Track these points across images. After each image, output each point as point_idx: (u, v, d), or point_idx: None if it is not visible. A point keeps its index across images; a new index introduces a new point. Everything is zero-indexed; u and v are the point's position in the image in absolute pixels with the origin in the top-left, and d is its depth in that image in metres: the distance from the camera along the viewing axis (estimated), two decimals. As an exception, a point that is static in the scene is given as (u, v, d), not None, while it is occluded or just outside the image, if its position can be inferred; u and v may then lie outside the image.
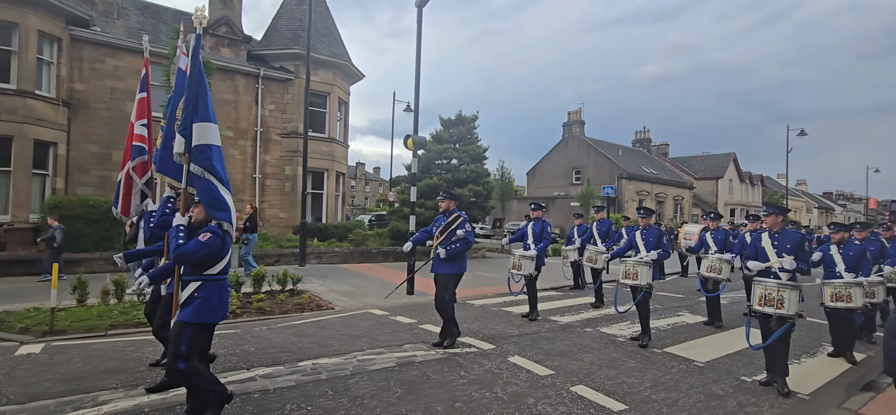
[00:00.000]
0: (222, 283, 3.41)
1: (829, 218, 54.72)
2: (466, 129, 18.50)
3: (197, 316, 3.24)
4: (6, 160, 12.62)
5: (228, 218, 3.42)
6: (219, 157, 3.56)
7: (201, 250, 3.22)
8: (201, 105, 3.59)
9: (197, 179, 3.48)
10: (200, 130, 3.53)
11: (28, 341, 5.32)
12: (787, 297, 4.38)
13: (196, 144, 3.51)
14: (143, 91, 5.20)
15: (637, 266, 6.08)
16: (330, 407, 3.72)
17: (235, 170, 17.00)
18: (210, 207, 3.43)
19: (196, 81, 3.62)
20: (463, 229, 5.66)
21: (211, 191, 3.44)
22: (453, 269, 5.68)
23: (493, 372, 4.71)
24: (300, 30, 18.16)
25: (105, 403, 3.67)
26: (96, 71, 14.56)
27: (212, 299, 3.31)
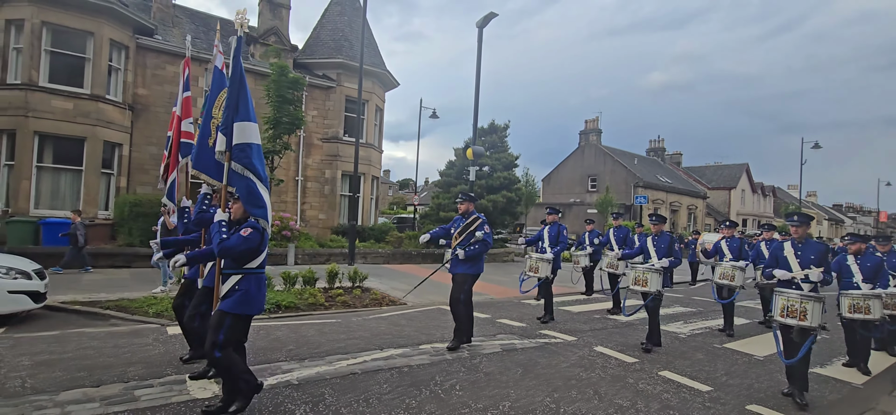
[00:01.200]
0: (261, 276, 3.57)
1: (839, 230, 55.15)
2: (498, 137, 19.30)
3: (237, 307, 3.40)
4: (78, 160, 13.50)
5: (265, 215, 3.52)
6: (259, 155, 3.64)
7: (243, 245, 3.36)
8: (242, 105, 3.66)
9: (237, 177, 3.57)
10: (241, 128, 3.60)
11: (171, 325, 6.11)
12: (811, 309, 4.39)
13: (237, 142, 3.59)
14: (187, 90, 5.34)
15: (647, 273, 6.12)
16: (473, 379, 4.49)
17: (279, 171, 17.82)
18: (248, 203, 3.54)
19: (237, 82, 3.69)
20: (482, 231, 5.75)
21: (250, 188, 3.54)
22: (471, 270, 5.78)
23: (588, 358, 5.47)
24: (343, 40, 19.03)
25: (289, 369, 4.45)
26: (157, 77, 15.45)
27: (251, 292, 3.45)
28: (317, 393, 3.95)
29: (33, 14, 12.74)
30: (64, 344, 5.05)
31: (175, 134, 5.15)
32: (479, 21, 10.35)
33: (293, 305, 7.66)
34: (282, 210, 17.84)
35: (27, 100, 12.69)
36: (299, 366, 4.60)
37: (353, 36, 19.56)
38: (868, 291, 5.54)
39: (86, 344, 5.09)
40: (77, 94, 13.32)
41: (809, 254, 4.75)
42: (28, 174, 12.75)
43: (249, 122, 3.65)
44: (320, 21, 20.19)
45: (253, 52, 17.64)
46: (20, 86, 12.73)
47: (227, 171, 3.64)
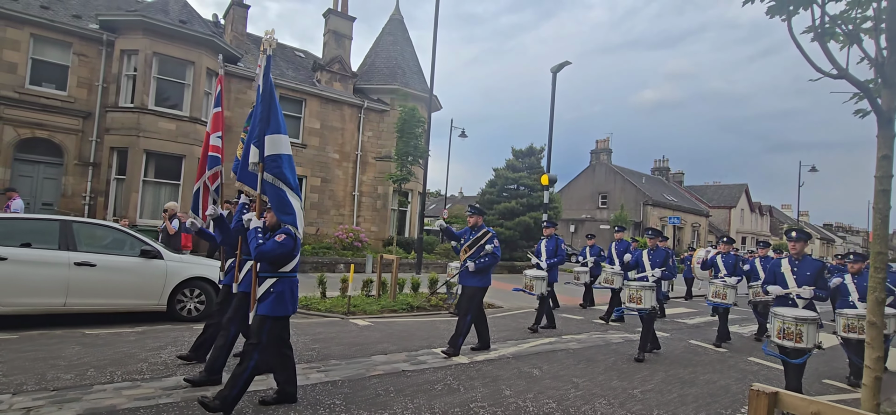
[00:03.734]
0: (293, 279, 3.77)
1: (831, 249, 57.68)
2: (536, 159, 21.12)
3: (273, 309, 3.62)
4: (177, 175, 15.05)
5: (294, 222, 3.68)
6: (289, 165, 3.78)
7: (278, 249, 3.55)
8: (273, 118, 3.81)
9: (269, 187, 3.72)
10: (272, 141, 3.74)
11: (358, 318, 7.73)
12: (805, 331, 4.56)
13: (268, 154, 3.73)
14: (218, 106, 5.43)
15: (641, 291, 6.25)
16: (591, 354, 6.20)
17: (339, 187, 19.48)
18: (278, 211, 3.69)
19: (268, 97, 3.85)
20: (491, 244, 5.91)
21: (280, 197, 3.68)
22: (480, 282, 5.96)
23: (687, 344, 7.21)
24: (396, 68, 20.81)
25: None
26: (239, 100, 17.08)
27: (285, 294, 3.65)
28: (510, 365, 5.61)
29: (147, 45, 14.34)
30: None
31: (203, 147, 5.31)
32: (554, 67, 12.16)
33: (421, 308, 9.28)
34: (339, 222, 19.47)
35: (139, 121, 14.25)
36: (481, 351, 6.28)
37: (404, 63, 21.33)
38: (863, 310, 5.59)
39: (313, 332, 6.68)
40: (178, 117, 14.90)
41: (805, 271, 4.95)
42: (136, 188, 14.27)
43: (280, 134, 3.79)
44: (374, 48, 21.94)
45: (320, 77, 19.33)
46: (133, 109, 14.30)
47: (260, 181, 3.82)
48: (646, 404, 4.55)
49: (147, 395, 3.90)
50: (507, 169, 20.88)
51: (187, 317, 6.87)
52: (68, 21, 14.28)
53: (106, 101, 14.50)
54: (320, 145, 18.89)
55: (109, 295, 6.34)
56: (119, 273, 6.40)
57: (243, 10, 19.06)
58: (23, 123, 13.46)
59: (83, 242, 6.34)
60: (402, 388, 4.47)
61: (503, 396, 4.44)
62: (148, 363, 4.76)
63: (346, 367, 5.04)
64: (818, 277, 4.90)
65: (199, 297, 7.00)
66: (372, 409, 3.95)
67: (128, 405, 3.66)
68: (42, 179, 14.07)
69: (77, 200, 14.26)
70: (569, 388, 4.86)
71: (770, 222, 50.94)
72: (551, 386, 4.86)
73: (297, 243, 3.71)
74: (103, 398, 3.78)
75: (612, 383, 5.14)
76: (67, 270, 6.04)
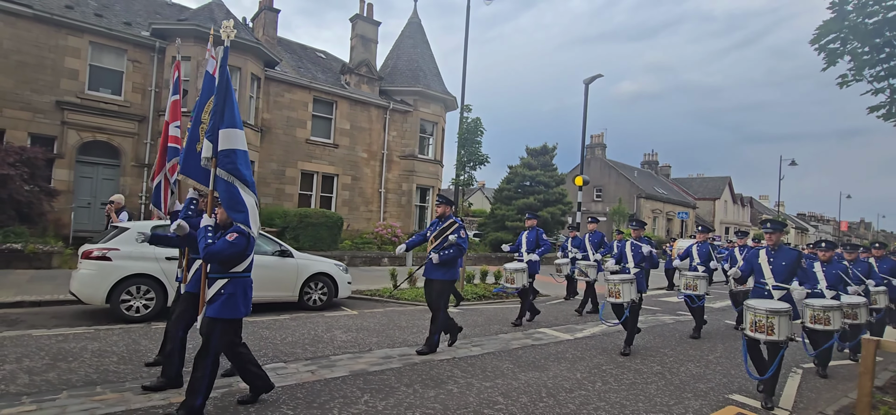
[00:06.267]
0: (246, 280, 3.65)
1: (804, 238, 60.96)
2: (549, 157, 22.48)
3: (224, 311, 3.48)
4: (226, 175, 15.90)
5: (246, 220, 3.52)
6: (244, 161, 3.64)
7: (229, 249, 3.41)
8: (228, 112, 3.66)
9: (221, 183, 3.58)
10: (227, 135, 3.60)
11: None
12: (777, 323, 4.46)
13: (222, 148, 3.59)
14: (176, 93, 5.15)
15: (620, 284, 6.18)
16: (573, 349, 7.56)
17: (367, 185, 20.51)
18: (230, 208, 3.54)
19: (224, 90, 3.69)
20: (456, 235, 5.64)
21: (232, 194, 3.54)
22: (446, 275, 5.68)
23: (668, 335, 8.61)
24: (418, 70, 21.84)
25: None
26: (277, 103, 17.93)
27: (237, 296, 3.53)
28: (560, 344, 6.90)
29: (198, 52, 15.10)
30: (376, 319, 7.84)
31: (162, 138, 5.03)
32: (586, 79, 13.43)
33: (485, 296, 10.51)
34: (368, 218, 20.55)
35: (192, 125, 15.04)
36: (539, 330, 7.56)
37: (425, 65, 22.38)
38: (828, 302, 5.66)
39: (398, 319, 7.87)
40: (227, 120, 15.72)
41: (781, 260, 4.93)
42: (187, 190, 15.08)
43: (235, 128, 3.66)
44: (394, 51, 22.89)
45: (348, 80, 20.25)
46: (186, 113, 15.02)
47: (213, 176, 3.64)
48: (630, 395, 4.67)
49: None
50: (523, 167, 22.20)
51: (313, 306, 7.98)
52: (122, 28, 14.95)
53: (158, 106, 15.23)
54: (350, 145, 19.86)
55: (258, 288, 7.29)
56: (264, 269, 7.43)
57: (274, 14, 19.85)
58: (84, 126, 14.15)
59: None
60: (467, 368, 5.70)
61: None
62: (328, 344, 5.90)
63: (523, 338, 6.28)
64: (795, 267, 4.89)
65: (321, 289, 8.11)
66: (532, 367, 5.17)
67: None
68: (101, 179, 14.78)
69: (134, 199, 15.01)
70: (544, 386, 4.78)
71: (751, 213, 53.65)
72: (532, 383, 4.82)
73: (251, 243, 3.57)
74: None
75: (595, 382, 5.02)
76: (226, 267, 7.09)
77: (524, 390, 4.67)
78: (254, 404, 3.83)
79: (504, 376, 5.03)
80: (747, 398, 4.89)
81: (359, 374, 4.79)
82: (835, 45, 3.87)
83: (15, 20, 13.26)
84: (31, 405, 3.58)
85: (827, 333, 5.63)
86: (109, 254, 6.43)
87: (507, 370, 5.25)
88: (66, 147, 13.91)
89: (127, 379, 4.26)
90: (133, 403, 3.71)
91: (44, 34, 13.63)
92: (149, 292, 6.62)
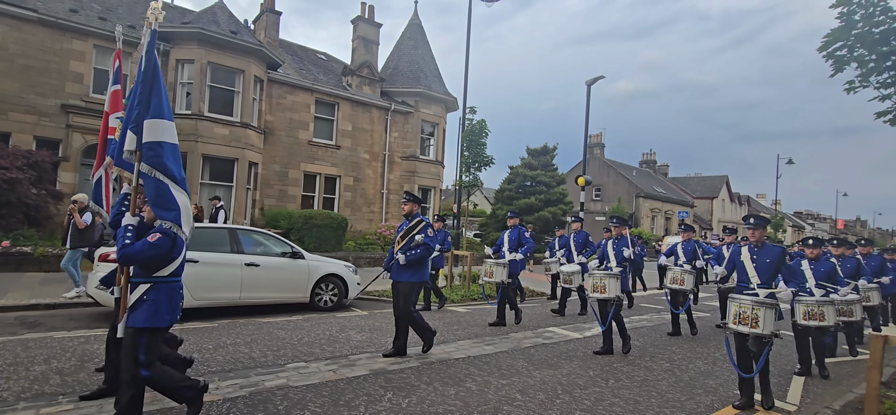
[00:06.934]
0: (173, 285, 3.36)
1: (800, 236, 61.38)
2: (549, 158, 22.64)
3: (146, 320, 3.18)
4: (230, 177, 15.98)
5: (177, 219, 3.28)
6: (172, 155, 3.41)
7: (149, 251, 3.14)
8: (154, 100, 3.42)
9: (146, 178, 3.33)
10: (152, 126, 3.38)
11: (453, 305, 9.05)
12: (762, 315, 4.23)
13: (147, 140, 3.35)
14: (117, 83, 4.85)
15: (605, 279, 5.99)
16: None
17: (369, 186, 20.61)
18: (157, 206, 3.30)
19: (150, 76, 3.47)
20: (423, 235, 5.42)
21: (159, 190, 3.29)
22: (414, 277, 5.45)
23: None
24: (419, 72, 21.95)
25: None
26: (280, 105, 18.02)
27: (161, 302, 3.24)
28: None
29: (201, 55, 15.19)
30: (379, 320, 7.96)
31: (102, 129, 4.73)
32: (588, 80, 13.58)
33: (491, 296, 10.64)
34: (369, 219, 20.66)
35: (197, 127, 15.13)
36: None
37: (426, 67, 22.50)
38: (821, 295, 5.48)
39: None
40: (231, 122, 15.81)
41: (765, 258, 4.69)
42: (195, 190, 15.16)
43: (162, 119, 3.42)
44: (395, 52, 23.00)
45: (350, 81, 20.35)
46: (190, 115, 15.15)
47: (137, 171, 3.41)
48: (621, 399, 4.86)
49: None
50: (523, 167, 22.36)
51: (324, 307, 8.09)
52: (126, 32, 14.96)
53: (163, 108, 15.28)
54: (352, 146, 19.96)
55: (271, 289, 7.53)
56: (276, 271, 7.59)
57: (275, 16, 19.90)
58: (89, 129, 14.19)
59: (246, 245, 7.51)
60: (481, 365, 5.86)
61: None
62: (345, 345, 6.02)
63: (534, 336, 6.41)
64: (779, 264, 4.64)
65: (332, 290, 8.22)
66: (545, 368, 5.32)
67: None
68: (106, 182, 14.82)
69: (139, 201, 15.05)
70: (559, 383, 4.89)
71: (748, 211, 53.99)
72: (547, 381, 4.94)
73: (178, 244, 3.29)
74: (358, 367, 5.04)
75: (608, 379, 5.10)
76: (240, 269, 7.21)
77: (540, 387, 4.80)
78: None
79: (519, 374, 5.16)
80: (756, 394, 5.02)
81: (379, 373, 4.91)
82: (842, 53, 4.02)
83: (20, 24, 13.31)
84: (69, 405, 3.68)
85: (821, 329, 5.44)
86: (126, 257, 6.51)
87: (521, 368, 5.37)
88: (71, 150, 13.97)
89: (155, 379, 4.36)
90: (165, 402, 3.81)
91: (49, 38, 13.69)
92: (165, 294, 6.69)
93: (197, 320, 6.84)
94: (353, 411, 3.88)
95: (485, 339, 6.68)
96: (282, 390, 4.24)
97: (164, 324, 3.29)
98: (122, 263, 3.26)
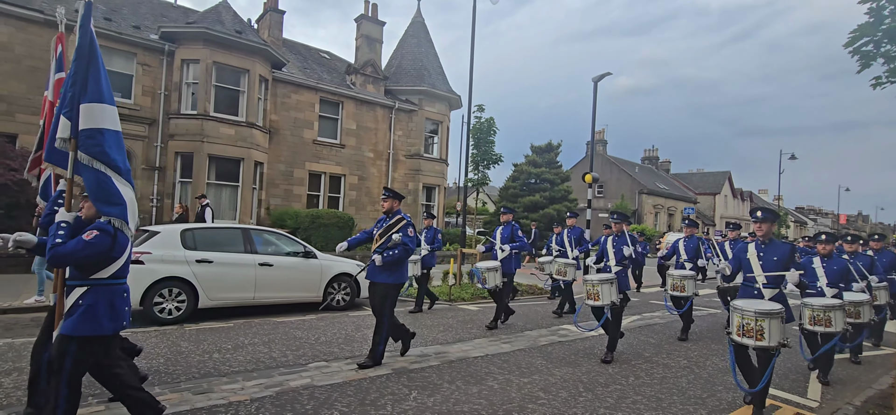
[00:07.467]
0: (115, 288, 3.01)
1: (804, 231, 61.34)
2: (554, 155, 22.62)
3: (80, 328, 2.84)
4: (236, 177, 15.97)
5: (122, 213, 2.99)
6: (115, 143, 3.12)
7: (84, 250, 2.82)
8: (92, 82, 3.09)
9: (85, 169, 3.02)
10: (89, 111, 3.05)
11: (462, 303, 9.06)
12: (767, 327, 3.94)
13: (84, 127, 3.03)
14: (60, 71, 4.53)
15: (599, 285, 5.68)
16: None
17: (374, 185, 20.60)
18: (98, 200, 3.00)
19: (86, 56, 3.12)
20: (402, 234, 5.09)
21: (100, 182, 2.98)
22: (391, 278, 5.10)
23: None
24: (422, 70, 21.92)
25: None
26: (285, 104, 18.00)
27: (98, 307, 2.89)
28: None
29: (206, 55, 15.17)
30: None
31: (47, 121, 4.29)
32: (595, 77, 13.56)
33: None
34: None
35: (202, 127, 15.11)
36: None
37: (429, 65, 22.48)
38: (829, 301, 5.22)
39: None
40: (236, 122, 15.79)
41: (773, 255, 4.39)
42: (202, 190, 15.13)
43: (101, 103, 3.10)
44: (399, 50, 22.97)
45: (354, 80, 20.32)
46: (196, 115, 15.15)
47: (73, 161, 3.08)
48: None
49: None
50: (528, 164, 22.35)
51: (337, 307, 8.09)
52: (131, 32, 14.98)
53: (168, 108, 15.29)
54: (357, 145, 19.95)
55: (284, 289, 7.54)
56: (289, 271, 7.59)
57: (279, 15, 19.85)
58: (95, 131, 14.18)
59: (259, 245, 7.51)
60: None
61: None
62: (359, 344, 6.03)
63: (549, 334, 6.41)
64: (788, 262, 4.33)
65: (345, 289, 8.22)
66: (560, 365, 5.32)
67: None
68: (112, 183, 14.82)
69: (145, 202, 15.06)
70: (580, 381, 5.06)
71: (751, 207, 53.99)
72: (567, 379, 5.03)
73: (120, 241, 2.96)
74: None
75: (628, 377, 5.07)
76: (254, 269, 7.21)
77: (562, 385, 4.80)
78: None
79: (540, 372, 5.16)
80: (776, 390, 5.03)
81: (401, 371, 4.91)
82: (868, 48, 4.02)
83: (26, 26, 13.29)
84: (99, 406, 3.69)
85: (828, 335, 5.07)
86: (142, 257, 6.53)
87: (541, 366, 5.38)
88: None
89: (181, 380, 4.37)
90: (195, 402, 3.82)
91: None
92: (180, 295, 6.71)
93: (212, 321, 6.85)
94: (381, 411, 3.89)
95: (501, 337, 6.68)
96: (307, 389, 4.25)
97: (104, 332, 2.90)
98: (53, 264, 2.87)
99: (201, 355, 5.14)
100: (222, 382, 4.35)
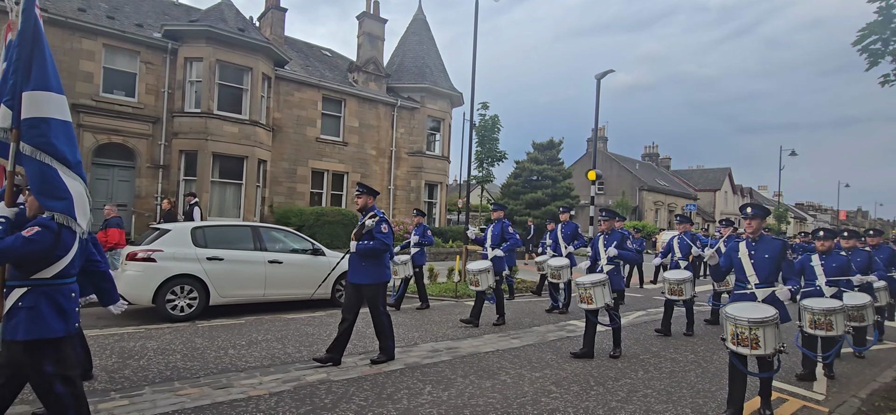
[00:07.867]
0: (60, 288, 2.79)
1: (803, 227, 61.52)
2: (555, 152, 22.68)
3: (24, 331, 2.63)
4: (240, 175, 16.02)
5: (67, 208, 2.77)
6: (62, 133, 2.90)
7: (23, 248, 2.60)
8: (36, 69, 2.90)
9: (27, 160, 2.82)
10: (33, 99, 2.86)
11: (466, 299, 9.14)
12: (762, 335, 3.84)
13: (27, 116, 2.83)
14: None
15: (592, 288, 5.52)
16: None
17: (376, 182, 20.64)
18: (41, 194, 2.79)
19: (29, 40, 2.93)
20: (376, 227, 4.93)
21: (44, 174, 2.78)
22: (373, 278, 4.96)
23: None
24: (424, 67, 21.97)
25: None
26: (287, 102, 18.04)
27: (40, 309, 2.67)
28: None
29: (210, 53, 15.19)
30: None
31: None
32: (598, 75, 13.61)
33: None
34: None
35: (206, 126, 15.15)
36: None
37: (431, 62, 22.51)
38: (829, 304, 5.06)
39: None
40: (240, 120, 15.83)
41: (764, 252, 4.25)
42: (206, 188, 15.21)
43: (47, 91, 2.90)
44: (400, 48, 23.00)
45: (356, 78, 20.36)
46: (200, 114, 15.18)
47: (14, 152, 2.88)
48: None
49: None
50: (529, 162, 22.42)
51: (345, 303, 8.16)
52: (134, 31, 15.00)
53: (172, 107, 15.32)
54: (359, 143, 19.99)
55: (293, 286, 7.60)
56: (298, 268, 7.66)
57: (281, 13, 19.85)
58: (100, 129, 14.23)
59: (268, 243, 7.57)
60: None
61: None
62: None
63: (557, 330, 6.48)
64: (780, 259, 4.20)
65: (353, 286, 8.28)
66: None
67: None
68: (117, 181, 14.88)
69: (150, 200, 15.12)
70: (591, 375, 5.21)
71: (740, 204, 54.10)
72: (578, 373, 5.24)
73: (64, 239, 2.74)
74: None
75: (637, 371, 5.13)
76: (264, 267, 7.27)
77: (573, 379, 4.88)
78: None
79: (551, 367, 5.23)
80: (783, 383, 5.11)
81: (414, 367, 4.98)
82: (877, 47, 4.08)
83: (30, 24, 13.29)
84: (122, 400, 3.75)
85: (829, 339, 4.99)
86: (154, 255, 6.59)
87: (551, 361, 5.45)
88: (82, 150, 13.95)
89: (199, 375, 4.44)
90: (216, 397, 3.88)
91: (58, 37, 13.66)
92: (192, 292, 6.78)
93: (223, 318, 6.91)
94: (397, 405, 3.95)
95: (510, 333, 6.75)
96: (324, 384, 4.32)
97: (54, 334, 2.68)
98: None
99: (216, 351, 5.20)
100: (240, 377, 4.41)
